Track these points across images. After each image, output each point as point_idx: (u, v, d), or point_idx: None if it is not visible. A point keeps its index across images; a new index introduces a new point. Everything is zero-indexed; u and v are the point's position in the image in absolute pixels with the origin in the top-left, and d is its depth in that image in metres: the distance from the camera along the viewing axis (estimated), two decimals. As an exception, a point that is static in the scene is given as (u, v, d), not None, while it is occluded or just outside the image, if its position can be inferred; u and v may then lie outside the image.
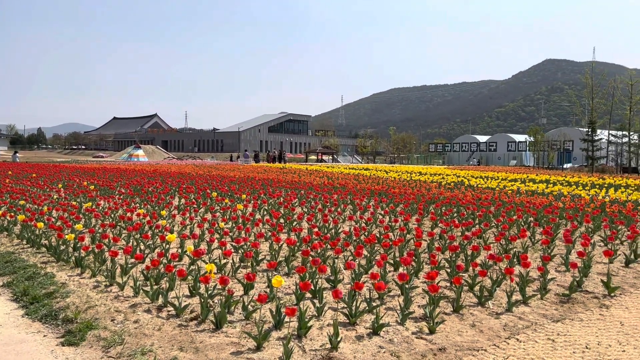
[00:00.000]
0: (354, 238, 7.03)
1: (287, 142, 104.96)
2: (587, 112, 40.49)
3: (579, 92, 54.82)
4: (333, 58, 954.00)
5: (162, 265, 5.35)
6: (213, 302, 4.63)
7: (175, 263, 6.05)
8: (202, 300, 4.29)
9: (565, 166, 50.12)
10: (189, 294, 4.91)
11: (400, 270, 5.89)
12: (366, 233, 7.51)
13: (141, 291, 4.86)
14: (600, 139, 39.49)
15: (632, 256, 6.51)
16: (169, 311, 4.42)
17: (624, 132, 38.49)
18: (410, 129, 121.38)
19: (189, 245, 6.86)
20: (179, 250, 6.54)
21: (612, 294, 5.13)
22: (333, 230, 7.80)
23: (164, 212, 8.34)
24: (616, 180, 21.11)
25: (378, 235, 7.47)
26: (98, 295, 4.86)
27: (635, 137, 37.85)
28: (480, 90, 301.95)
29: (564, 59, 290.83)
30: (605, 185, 19.05)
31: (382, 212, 10.10)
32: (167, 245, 6.59)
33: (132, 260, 5.90)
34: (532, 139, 52.58)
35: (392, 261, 6.10)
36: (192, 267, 5.79)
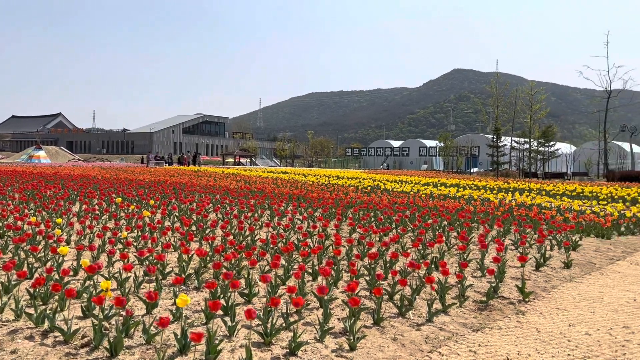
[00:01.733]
0: (271, 246, 6.69)
1: (203, 144, 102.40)
2: (491, 120, 42.86)
3: (484, 100, 58.01)
4: (251, 60, 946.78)
5: (51, 282, 4.71)
6: (110, 324, 4.10)
7: (69, 279, 5.39)
8: (96, 323, 3.76)
9: (472, 170, 52.80)
10: (82, 315, 4.33)
11: (319, 280, 5.63)
12: (284, 240, 7.19)
13: (24, 314, 4.21)
14: (505, 145, 41.97)
15: (542, 260, 6.68)
16: (55, 337, 3.84)
17: (526, 139, 41.13)
18: (327, 133, 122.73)
19: (86, 258, 6.20)
20: (74, 264, 5.87)
21: (527, 299, 5.16)
22: (249, 238, 7.40)
23: (59, 220, 7.53)
24: (520, 184, 22.35)
25: (296, 242, 7.17)
26: (-30, 320, 4.15)
27: (535, 143, 40.57)
28: (394, 97, 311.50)
29: (470, 69, 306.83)
30: (511, 189, 20.06)
31: (301, 218, 9.83)
32: (60, 259, 5.89)
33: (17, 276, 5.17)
34: (442, 144, 55.00)
35: (310, 270, 5.82)
36: (88, 282, 5.17)
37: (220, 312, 4.39)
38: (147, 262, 5.91)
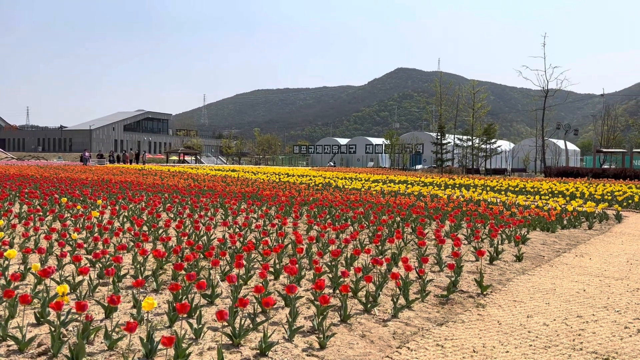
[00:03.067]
0: (229, 245, 6.57)
1: (146, 141, 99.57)
2: (434, 118, 43.95)
3: (427, 99, 59.44)
4: (195, 56, 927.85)
5: (-1, 289, 4.44)
6: (67, 330, 3.90)
7: (17, 284, 5.09)
8: (53, 329, 3.56)
9: (417, 167, 54.03)
10: (35, 322, 4.09)
11: (281, 279, 5.58)
12: (242, 240, 7.08)
13: (-30, 323, 3.93)
14: (448, 142, 43.16)
15: (495, 254, 6.89)
16: (9, 346, 3.61)
17: (468, 137, 42.44)
18: (274, 131, 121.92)
19: (35, 260, 5.88)
20: (21, 267, 5.55)
21: (485, 293, 5.31)
22: (205, 238, 7.24)
23: (1, 222, 7.10)
24: (464, 180, 23.03)
25: (254, 241, 7.09)
26: None
27: (477, 140, 41.94)
28: (340, 95, 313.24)
29: (413, 68, 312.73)
30: (457, 185, 20.64)
31: (256, 216, 9.72)
32: (6, 262, 5.55)
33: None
34: (388, 142, 55.84)
35: (272, 269, 5.75)
36: (38, 287, 4.90)
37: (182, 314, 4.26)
38: (100, 265, 5.66)
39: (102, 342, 3.68)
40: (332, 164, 66.15)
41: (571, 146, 60.03)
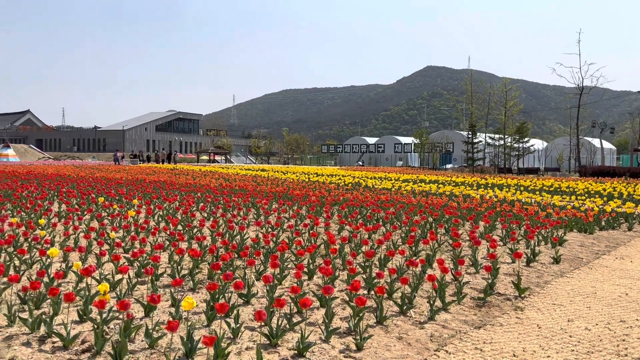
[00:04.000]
0: (263, 245, 6.61)
1: (177, 141, 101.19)
2: (465, 116, 43.31)
3: (456, 97, 58.64)
4: (224, 56, 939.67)
5: (43, 287, 4.56)
6: (109, 328, 3.98)
7: (59, 281, 5.23)
8: (96, 327, 3.65)
9: (447, 167, 53.36)
10: (78, 319, 4.20)
11: (315, 279, 5.60)
12: (275, 239, 7.12)
13: (17, 319, 4.06)
14: (480, 141, 42.50)
15: (532, 255, 6.76)
16: (54, 342, 3.71)
17: (500, 136, 41.72)
18: (302, 130, 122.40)
19: (75, 259, 6.04)
20: (63, 266, 5.71)
21: (523, 295, 5.21)
22: (238, 237, 7.31)
23: (42, 221, 7.31)
24: (497, 180, 22.65)
25: (287, 240, 7.12)
26: (-40, 327, 3.98)
27: (509, 139, 41.20)
28: (368, 94, 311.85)
29: (443, 66, 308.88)
30: (489, 185, 20.32)
31: (288, 216, 9.76)
32: (49, 261, 5.71)
33: (5, 280, 5.02)
34: (417, 141, 55.26)
35: (305, 269, 5.77)
36: (80, 285, 5.04)
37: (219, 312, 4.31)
38: (138, 264, 5.78)
39: (142, 340, 3.75)
40: (361, 163, 65.93)
41: (607, 145, 58.42)
